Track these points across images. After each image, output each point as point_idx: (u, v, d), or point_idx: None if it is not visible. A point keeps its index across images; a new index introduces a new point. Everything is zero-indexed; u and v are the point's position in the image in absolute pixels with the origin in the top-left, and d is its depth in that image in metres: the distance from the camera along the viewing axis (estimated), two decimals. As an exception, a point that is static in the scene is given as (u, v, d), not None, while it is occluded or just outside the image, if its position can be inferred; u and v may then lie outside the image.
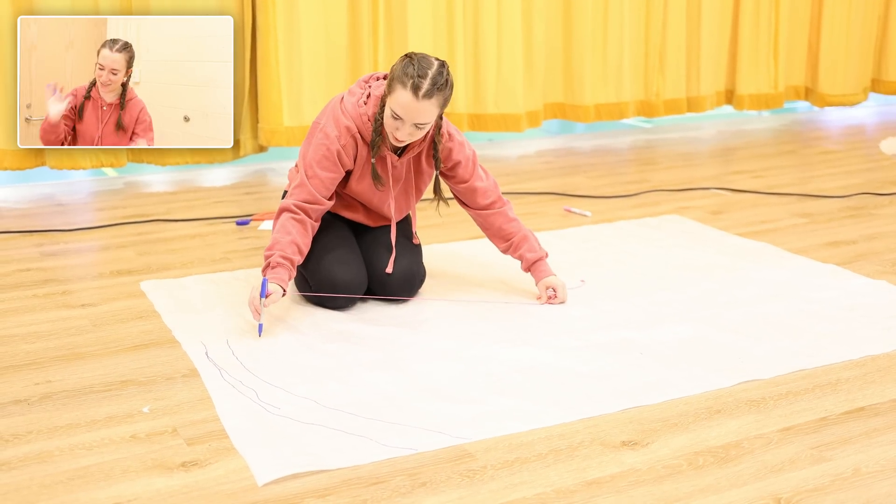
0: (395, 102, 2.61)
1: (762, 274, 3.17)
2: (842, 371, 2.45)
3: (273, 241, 2.71)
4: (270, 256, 2.68)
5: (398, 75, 2.61)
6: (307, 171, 2.75)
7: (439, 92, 2.61)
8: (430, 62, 2.62)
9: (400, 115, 2.61)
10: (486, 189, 2.91)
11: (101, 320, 2.81)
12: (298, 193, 2.75)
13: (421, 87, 2.57)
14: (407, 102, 2.59)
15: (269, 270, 2.67)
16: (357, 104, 2.74)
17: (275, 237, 2.72)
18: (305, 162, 2.76)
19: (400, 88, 2.59)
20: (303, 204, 2.74)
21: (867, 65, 6.18)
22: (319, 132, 2.75)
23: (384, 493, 1.91)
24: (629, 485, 1.94)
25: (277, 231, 2.73)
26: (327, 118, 2.76)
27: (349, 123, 2.73)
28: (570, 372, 2.44)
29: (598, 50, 5.35)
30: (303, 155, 2.78)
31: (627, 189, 4.36)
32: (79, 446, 2.08)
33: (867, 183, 4.44)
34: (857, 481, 1.95)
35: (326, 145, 2.73)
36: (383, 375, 2.42)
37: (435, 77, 2.60)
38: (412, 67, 2.60)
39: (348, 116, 2.74)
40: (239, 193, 4.31)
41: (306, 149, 2.77)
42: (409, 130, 2.65)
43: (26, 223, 3.81)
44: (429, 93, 2.59)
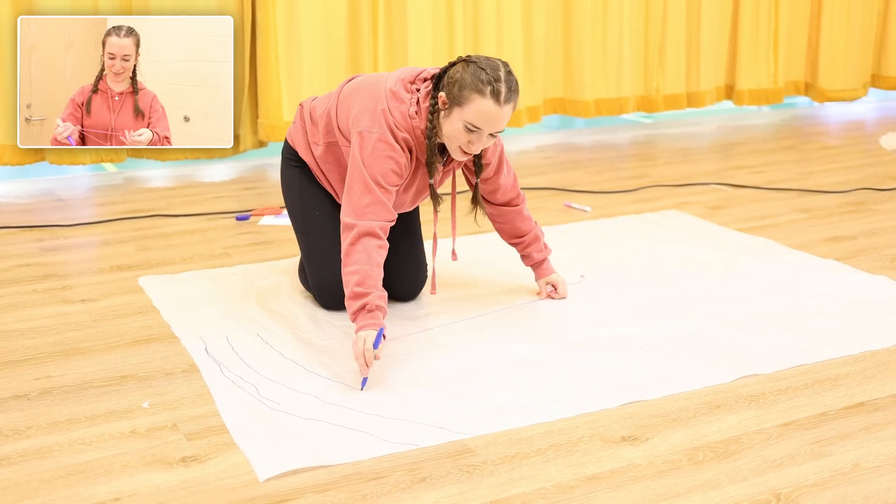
0: (472, 113, 2.40)
1: (762, 269, 3.17)
2: (841, 366, 2.46)
3: (363, 275, 2.38)
4: (366, 297, 2.36)
5: (471, 83, 2.40)
6: (380, 187, 2.46)
7: (516, 94, 2.44)
8: (496, 63, 2.44)
9: (479, 125, 2.41)
10: (507, 186, 2.80)
11: (101, 315, 2.81)
12: (377, 212, 2.45)
13: (501, 91, 2.39)
14: (489, 111, 2.40)
15: (365, 315, 2.35)
16: (409, 115, 2.50)
17: (362, 269, 2.39)
18: (372, 175, 2.46)
19: (478, 98, 2.39)
20: (385, 224, 2.47)
21: (867, 60, 6.18)
22: (378, 142, 2.47)
23: (384, 488, 1.91)
24: (629, 480, 1.94)
25: (363, 261, 2.40)
26: (381, 128, 2.48)
27: (406, 136, 2.50)
28: (569, 367, 2.44)
29: (597, 45, 5.34)
30: (364, 167, 2.46)
31: (627, 184, 4.36)
32: (78, 441, 2.08)
33: (867, 178, 4.44)
34: (856, 476, 1.95)
35: (394, 157, 2.48)
36: (384, 371, 2.42)
37: (508, 78, 2.42)
38: (484, 73, 2.40)
39: (402, 128, 2.49)
40: (239, 189, 4.31)
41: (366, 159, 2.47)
42: (485, 141, 2.46)
43: (26, 218, 3.81)
44: (508, 97, 2.41)
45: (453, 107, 2.44)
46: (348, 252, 2.43)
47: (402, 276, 2.85)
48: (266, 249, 3.42)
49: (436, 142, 2.52)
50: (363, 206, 2.45)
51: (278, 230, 3.66)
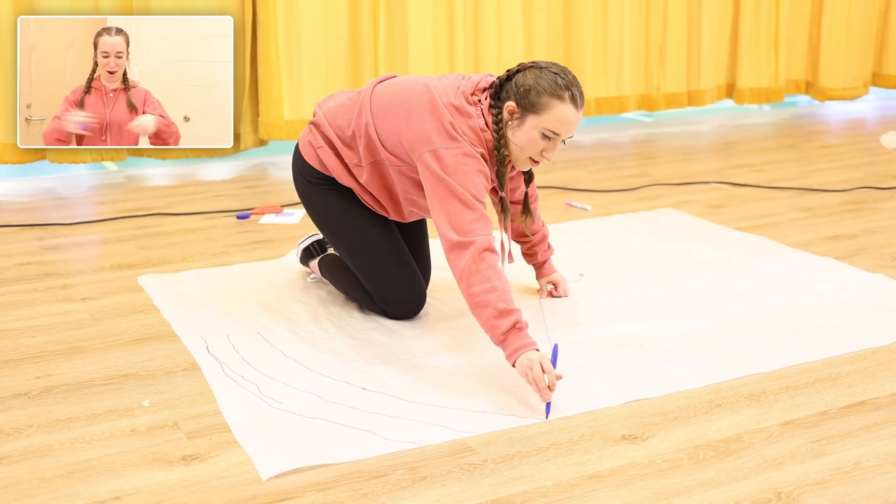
0: (551, 120, 2.36)
1: (762, 268, 3.17)
2: (842, 365, 2.46)
3: (502, 290, 2.27)
4: (513, 314, 2.25)
5: (548, 88, 2.35)
6: (478, 200, 2.37)
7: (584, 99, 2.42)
8: (565, 69, 2.40)
9: (558, 131, 2.37)
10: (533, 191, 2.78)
11: (102, 314, 2.81)
12: (486, 227, 2.35)
13: (577, 97, 2.36)
14: (569, 116, 2.36)
15: (516, 333, 2.24)
16: (478, 129, 2.42)
17: (499, 285, 2.27)
18: (469, 190, 2.36)
19: (558, 103, 2.34)
20: (493, 239, 2.38)
21: (868, 59, 6.18)
22: (466, 157, 2.38)
23: (385, 486, 1.91)
24: (629, 479, 1.94)
25: (497, 277, 2.29)
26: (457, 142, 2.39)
27: (483, 151, 2.43)
28: (570, 365, 2.44)
29: (598, 44, 5.34)
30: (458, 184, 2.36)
31: (628, 183, 4.36)
32: (79, 440, 2.08)
33: (867, 177, 4.44)
34: (857, 475, 1.95)
35: (483, 172, 2.41)
36: (385, 369, 2.42)
37: (576, 83, 2.39)
38: (560, 78, 2.36)
39: (476, 144, 2.42)
40: (239, 187, 4.31)
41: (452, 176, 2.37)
42: (557, 148, 2.42)
43: (27, 217, 3.81)
44: (582, 99, 2.39)
45: (527, 115, 2.38)
46: (474, 271, 2.29)
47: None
48: (267, 248, 3.42)
49: (505, 153, 2.45)
50: (469, 223, 2.34)
51: (279, 229, 3.66)
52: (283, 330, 2.66)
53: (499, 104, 2.43)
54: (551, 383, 2.15)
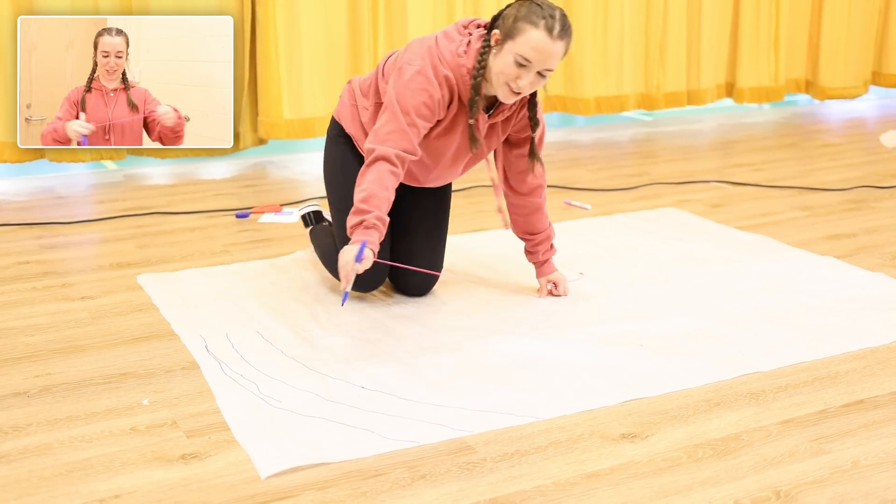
0: (524, 45, 2.40)
1: (762, 267, 3.17)
2: (841, 363, 2.46)
3: (368, 193, 2.42)
4: (366, 213, 2.41)
5: (524, 15, 2.41)
6: (406, 117, 2.47)
7: (568, 35, 2.43)
8: (552, 4, 2.44)
9: (530, 59, 2.40)
10: (539, 171, 2.77)
11: (101, 313, 2.81)
12: (398, 141, 2.47)
13: (555, 26, 2.39)
14: (540, 43, 2.39)
15: (361, 230, 2.42)
16: (457, 53, 2.50)
17: (370, 188, 2.43)
18: (402, 106, 2.47)
19: (531, 29, 2.39)
20: (403, 154, 2.48)
21: (868, 58, 6.18)
22: (417, 75, 2.47)
23: (384, 485, 1.91)
24: (628, 477, 1.94)
25: (373, 181, 2.43)
26: (422, 61, 2.49)
27: (448, 73, 2.49)
28: (569, 364, 2.44)
29: (598, 43, 5.34)
30: (397, 97, 2.48)
31: (627, 182, 4.36)
32: (78, 439, 2.08)
33: (867, 176, 4.44)
34: (856, 474, 1.95)
35: (428, 91, 2.48)
36: (384, 368, 2.42)
37: (562, 19, 2.42)
38: (540, 8, 2.41)
39: (447, 65, 2.49)
40: (239, 186, 4.31)
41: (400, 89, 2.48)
42: (531, 79, 2.44)
43: (26, 216, 3.81)
44: (561, 33, 2.41)
45: (506, 41, 2.44)
46: (362, 173, 2.48)
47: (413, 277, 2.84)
48: (266, 247, 3.42)
49: (481, 81, 2.50)
50: (385, 133, 2.48)
51: (278, 228, 3.66)
52: (283, 329, 2.66)
53: (489, 35, 2.52)
54: (348, 274, 2.37)
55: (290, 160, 4.78)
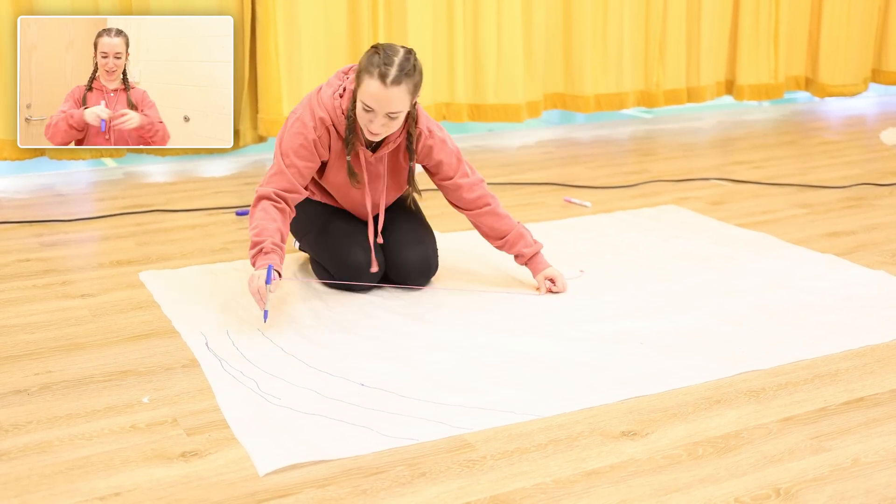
0: (364, 94, 2.60)
1: (762, 264, 3.17)
2: (841, 361, 2.46)
3: (259, 227, 2.66)
4: (261, 242, 2.64)
5: (364, 66, 2.60)
6: (284, 159, 2.73)
7: (408, 78, 2.59)
8: (396, 50, 2.62)
9: (371, 106, 2.59)
10: (472, 185, 2.89)
11: (101, 310, 2.81)
12: (277, 182, 2.72)
13: (388, 74, 2.56)
14: (376, 91, 2.57)
15: (261, 256, 2.62)
16: (333, 96, 2.73)
17: (259, 224, 2.67)
18: (282, 150, 2.74)
19: (367, 79, 2.58)
20: (282, 193, 2.72)
21: (867, 55, 6.17)
22: (296, 121, 2.73)
23: (384, 482, 1.91)
24: (629, 475, 1.94)
25: (262, 217, 2.68)
26: (303, 108, 2.74)
27: (323, 115, 2.72)
28: (569, 362, 2.44)
29: (598, 40, 5.34)
30: (279, 143, 2.76)
31: (627, 179, 4.36)
32: (78, 436, 2.08)
33: (867, 173, 4.44)
34: (856, 471, 1.95)
35: (304, 134, 2.71)
36: (383, 366, 2.42)
37: (402, 63, 2.58)
38: (377, 57, 2.59)
39: (323, 108, 2.72)
40: (239, 184, 4.31)
41: (282, 137, 2.75)
42: (381, 122, 2.62)
43: (26, 213, 3.81)
44: (396, 79, 2.57)
45: (357, 89, 2.65)
46: (251, 215, 2.73)
47: (408, 255, 2.90)
48: (266, 244, 3.42)
49: (355, 122, 2.71)
50: (269, 176, 2.75)
51: (278, 225, 3.65)
52: (283, 326, 2.66)
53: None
54: (263, 295, 2.56)
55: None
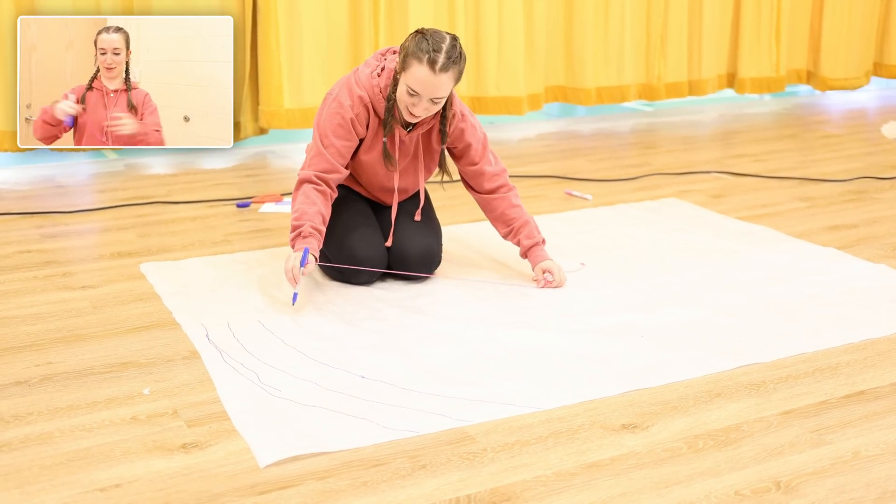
0: (411, 78, 2.62)
1: (762, 257, 3.17)
2: (842, 355, 2.46)
3: (300, 212, 2.72)
4: (301, 226, 2.69)
5: (412, 51, 2.62)
6: (323, 140, 2.77)
7: (454, 65, 2.63)
8: (443, 36, 2.64)
9: (417, 90, 2.62)
10: (494, 174, 2.93)
11: (102, 302, 2.81)
12: (318, 163, 2.77)
13: (437, 60, 2.59)
14: (424, 77, 2.60)
15: (300, 240, 2.68)
16: (371, 76, 2.75)
17: (300, 207, 2.73)
18: (320, 131, 2.78)
19: (416, 64, 2.61)
20: (322, 174, 2.76)
21: (869, 48, 6.16)
22: (333, 101, 2.77)
23: (384, 475, 1.91)
24: (629, 468, 1.94)
25: (302, 201, 2.73)
26: (340, 87, 2.77)
27: (362, 93, 2.74)
28: (570, 355, 2.44)
29: (599, 33, 5.33)
30: (317, 125, 2.80)
31: (628, 172, 4.35)
32: (79, 428, 2.08)
33: (868, 167, 4.44)
34: (856, 464, 1.95)
35: (340, 114, 2.75)
36: (384, 358, 2.42)
37: (449, 50, 2.61)
38: (426, 42, 2.61)
39: (361, 86, 2.75)
40: (239, 176, 4.31)
41: (320, 118, 2.79)
42: (425, 106, 2.66)
43: (27, 205, 3.81)
44: (445, 66, 2.60)
45: (401, 72, 2.67)
46: (293, 198, 2.78)
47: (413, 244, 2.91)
48: (267, 236, 3.42)
49: (394, 104, 2.74)
50: (309, 159, 2.80)
51: (279, 217, 3.65)
52: (283, 318, 2.67)
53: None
54: (295, 277, 2.62)
55: (290, 150, 4.77)
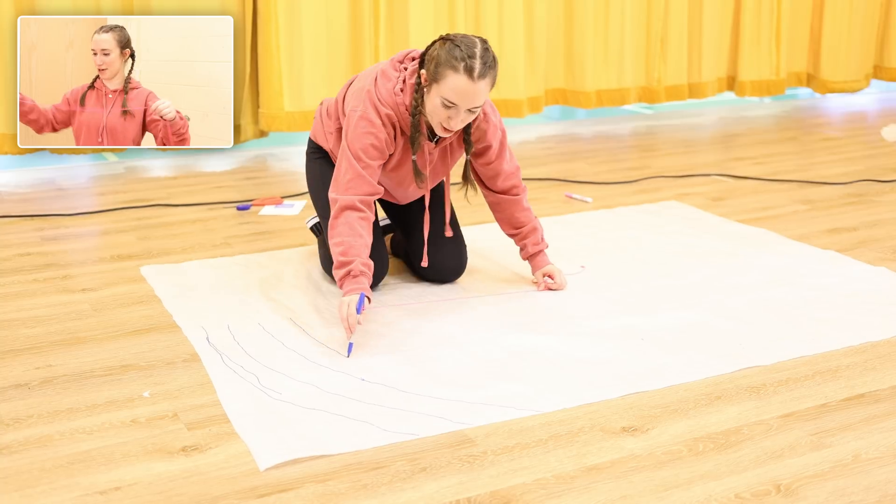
0: (447, 89, 2.47)
1: (762, 260, 3.17)
2: (842, 358, 2.46)
3: (345, 245, 2.53)
4: (349, 263, 2.51)
5: (445, 60, 2.46)
6: (359, 162, 2.58)
7: (490, 70, 2.48)
8: (473, 41, 2.49)
9: (454, 101, 2.47)
10: (510, 173, 2.84)
11: (102, 305, 2.81)
12: (358, 186, 2.58)
13: (474, 67, 2.44)
14: (462, 87, 2.45)
15: (349, 280, 2.51)
16: (394, 92, 2.59)
17: (345, 240, 2.54)
18: (353, 152, 2.58)
19: (451, 73, 2.45)
20: (366, 198, 2.59)
21: (869, 51, 6.17)
22: (361, 119, 2.58)
23: (384, 477, 1.91)
24: (629, 471, 1.94)
25: (347, 233, 2.55)
26: (365, 104, 2.58)
27: (389, 112, 2.58)
28: (570, 358, 2.44)
29: (599, 36, 5.33)
30: (347, 146, 2.60)
31: (628, 175, 4.35)
32: (79, 430, 2.08)
33: (868, 170, 4.44)
34: (856, 467, 1.95)
35: (374, 133, 2.58)
36: (384, 361, 2.42)
37: (483, 55, 2.47)
38: (459, 49, 2.45)
39: (386, 104, 2.58)
40: (239, 178, 4.31)
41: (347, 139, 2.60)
42: (462, 117, 2.52)
43: (27, 207, 3.81)
44: (482, 73, 2.46)
45: (432, 83, 2.51)
46: (332, 226, 2.59)
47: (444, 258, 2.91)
48: (267, 239, 3.42)
49: (420, 118, 2.59)
50: (346, 182, 2.59)
51: (279, 220, 3.66)
52: (284, 321, 2.66)
53: (421, 71, 2.57)
54: (351, 325, 2.43)
55: (290, 153, 4.77)
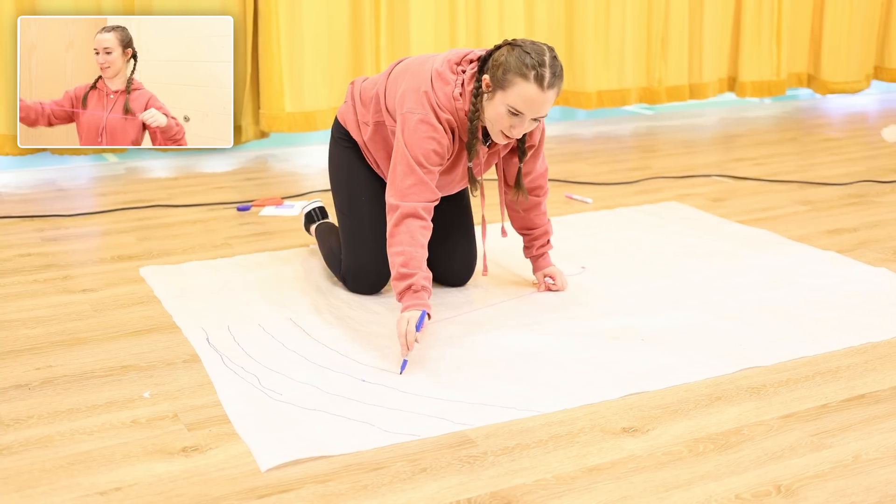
0: (514, 97, 2.41)
1: (763, 261, 3.17)
2: (842, 358, 2.46)
3: (407, 256, 2.43)
4: (411, 276, 2.42)
5: (515, 67, 2.40)
6: (421, 168, 2.49)
7: (559, 80, 2.43)
8: (542, 49, 2.43)
9: (521, 109, 2.42)
10: (540, 173, 2.79)
11: (102, 305, 2.81)
12: (420, 193, 2.49)
13: (545, 76, 2.39)
14: (532, 95, 2.39)
15: (410, 294, 2.42)
16: (452, 96, 2.51)
17: (407, 250, 2.44)
18: (413, 157, 2.48)
19: (521, 81, 2.39)
20: (428, 205, 2.51)
21: (870, 52, 6.16)
22: (420, 123, 2.49)
23: (385, 478, 1.91)
24: (629, 471, 1.94)
25: (408, 242, 2.45)
26: (424, 109, 2.50)
27: (448, 117, 2.51)
28: (570, 358, 2.44)
29: (600, 36, 5.33)
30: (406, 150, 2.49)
31: (629, 176, 4.35)
32: (79, 431, 2.08)
33: (869, 170, 4.44)
34: (857, 468, 1.95)
35: (436, 138, 2.50)
36: (384, 361, 2.42)
37: (552, 64, 2.41)
38: (529, 57, 2.39)
39: (444, 109, 2.50)
40: (240, 179, 4.31)
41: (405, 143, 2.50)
42: (526, 126, 2.46)
43: (27, 208, 3.81)
44: (552, 82, 2.40)
45: (497, 90, 2.44)
46: (392, 233, 2.49)
47: (452, 263, 2.89)
48: (267, 240, 3.42)
49: (478, 124, 2.52)
50: (406, 188, 2.49)
51: (279, 221, 3.66)
52: (284, 321, 2.67)
53: (481, 76, 2.50)
54: (409, 342, 2.34)
55: (291, 153, 4.78)
